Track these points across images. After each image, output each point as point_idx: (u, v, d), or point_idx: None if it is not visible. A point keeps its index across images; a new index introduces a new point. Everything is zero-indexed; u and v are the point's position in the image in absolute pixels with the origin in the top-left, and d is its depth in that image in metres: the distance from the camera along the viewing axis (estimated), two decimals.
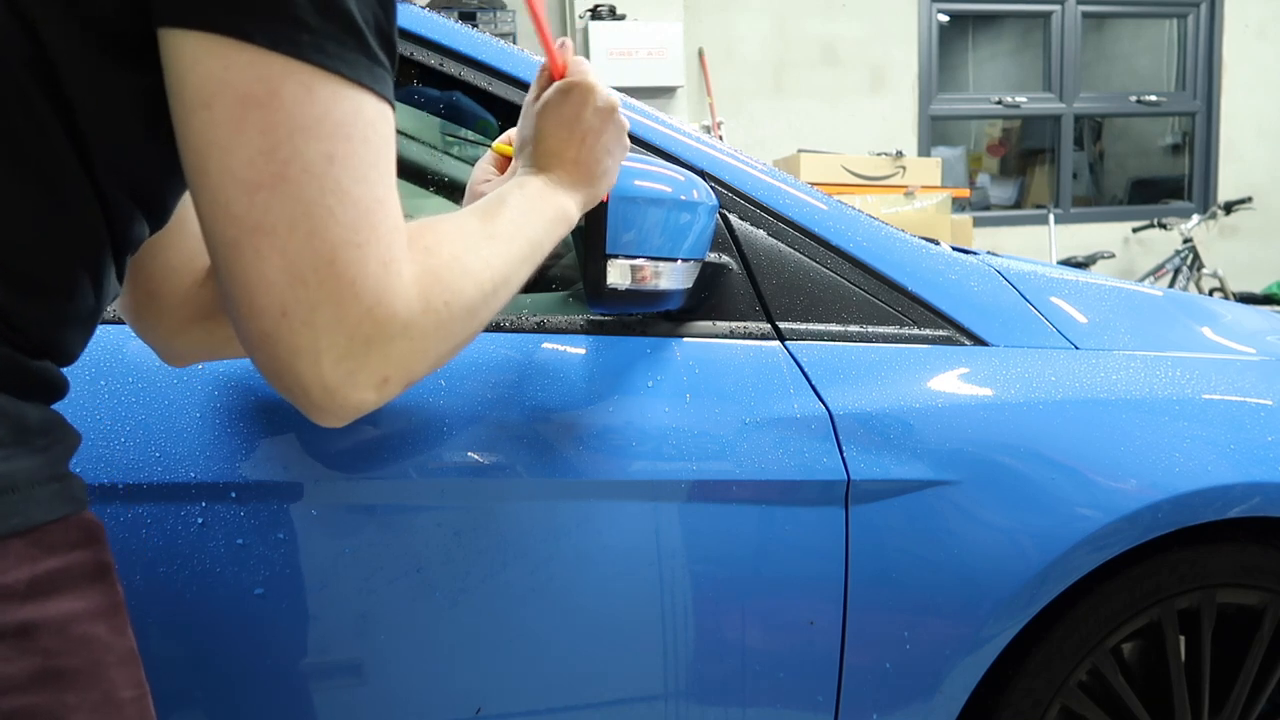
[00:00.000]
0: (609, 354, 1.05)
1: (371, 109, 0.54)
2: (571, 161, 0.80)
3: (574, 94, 0.80)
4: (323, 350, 0.53)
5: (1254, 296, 5.62)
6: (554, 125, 0.80)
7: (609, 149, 0.83)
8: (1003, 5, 6.13)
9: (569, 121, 0.80)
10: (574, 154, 0.80)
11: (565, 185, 0.79)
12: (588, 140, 0.80)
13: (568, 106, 0.80)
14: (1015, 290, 1.22)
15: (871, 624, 1.07)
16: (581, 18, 4.93)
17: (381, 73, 0.55)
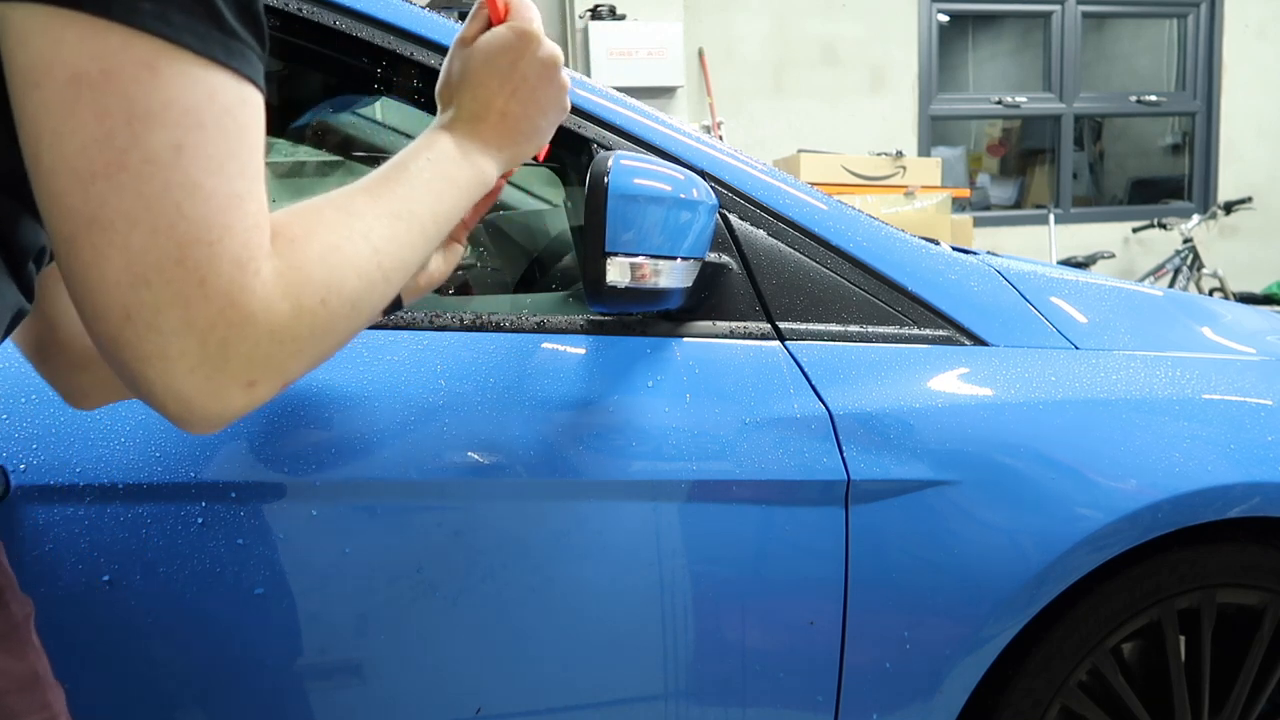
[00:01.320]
0: (609, 354, 1.05)
1: (230, 92, 0.49)
2: (499, 113, 0.73)
3: (513, 40, 0.73)
4: (173, 357, 0.48)
5: (1254, 296, 5.62)
6: (485, 71, 0.73)
7: (543, 107, 0.76)
8: (1003, 5, 6.13)
9: (503, 69, 0.73)
10: (502, 104, 0.73)
11: (486, 141, 0.72)
12: (520, 92, 0.73)
13: (504, 53, 0.73)
14: (1015, 290, 1.22)
15: (871, 624, 1.07)
16: (581, 18, 4.93)
17: (240, 47, 0.50)
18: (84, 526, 0.89)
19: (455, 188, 0.68)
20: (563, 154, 1.27)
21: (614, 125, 1.11)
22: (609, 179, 0.93)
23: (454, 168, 0.69)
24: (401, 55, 1.07)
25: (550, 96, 0.76)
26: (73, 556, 0.89)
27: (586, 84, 1.14)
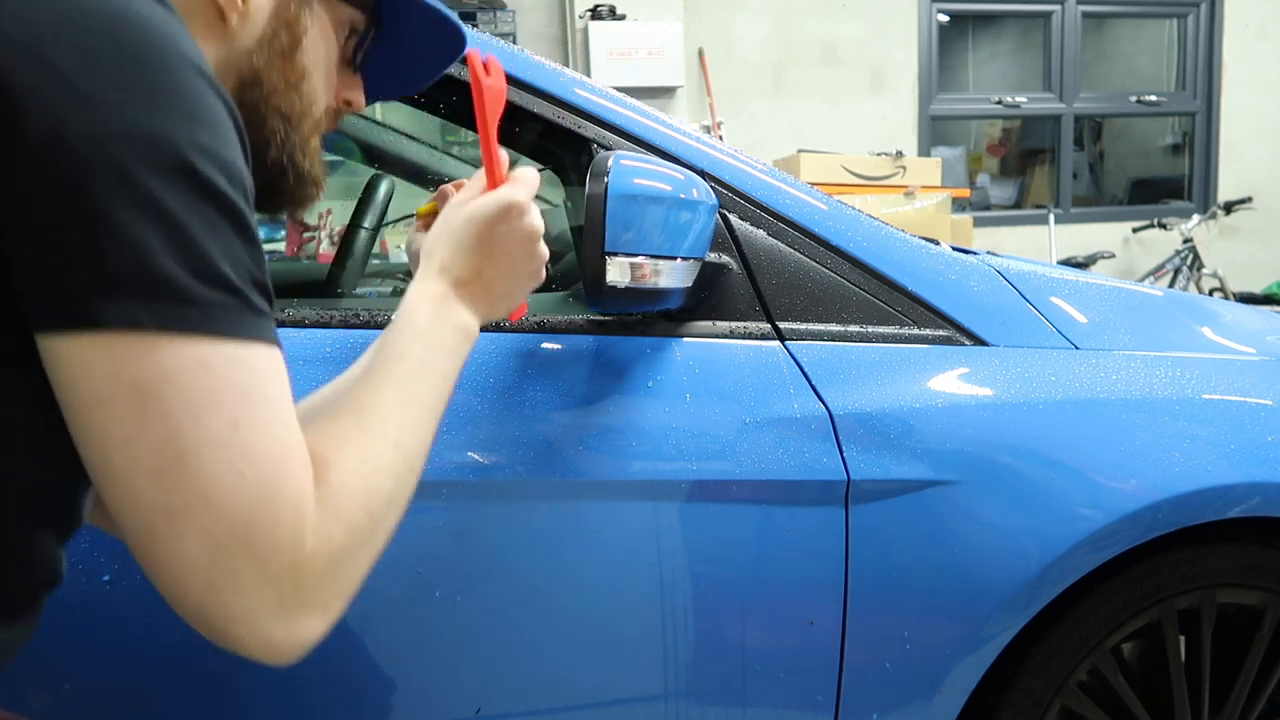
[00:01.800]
0: (609, 354, 1.05)
1: (265, 360, 0.55)
2: (474, 274, 0.76)
3: (501, 210, 0.77)
4: (257, 610, 0.53)
5: (1254, 296, 5.62)
6: (470, 233, 0.76)
7: (519, 274, 0.79)
8: (1003, 5, 6.12)
9: (486, 234, 0.77)
10: (479, 266, 0.77)
11: (465, 301, 0.76)
12: (497, 258, 0.77)
13: (491, 221, 0.76)
14: (1015, 290, 1.22)
15: (871, 624, 1.07)
16: (581, 18, 4.93)
17: (266, 321, 0.56)
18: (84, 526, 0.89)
19: (448, 353, 0.73)
20: (563, 154, 1.27)
21: (614, 125, 1.11)
22: (609, 179, 0.93)
23: (440, 334, 0.73)
24: None
25: (526, 265, 0.80)
26: (73, 556, 0.89)
27: (586, 84, 1.14)
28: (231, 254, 0.53)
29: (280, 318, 0.98)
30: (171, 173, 0.51)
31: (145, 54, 0.52)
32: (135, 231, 0.50)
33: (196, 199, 0.52)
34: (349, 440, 0.62)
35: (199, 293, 0.51)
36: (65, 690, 0.92)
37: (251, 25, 0.71)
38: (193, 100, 0.53)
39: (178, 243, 0.51)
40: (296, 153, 0.76)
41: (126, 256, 0.50)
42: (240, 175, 0.55)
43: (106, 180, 0.49)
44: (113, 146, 0.50)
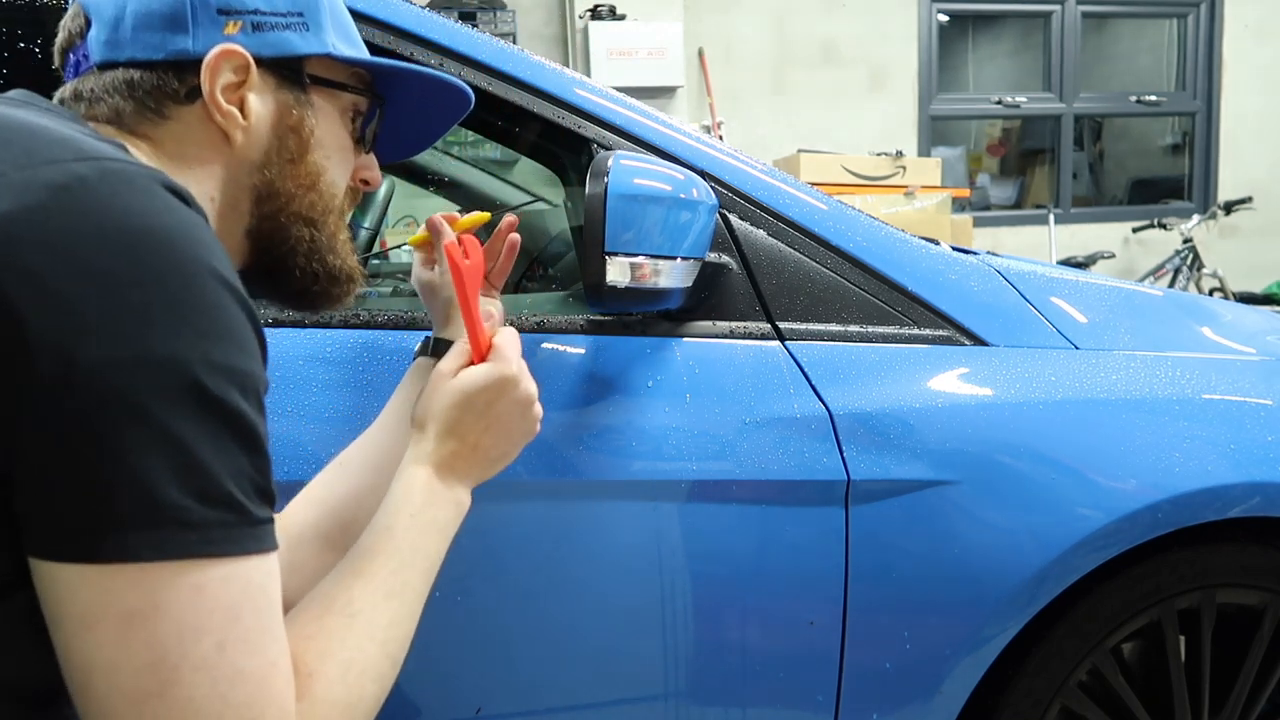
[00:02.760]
0: (609, 354, 1.05)
1: (259, 572, 0.54)
2: (472, 447, 0.76)
3: (491, 382, 0.76)
4: None
5: (1254, 296, 5.61)
6: (462, 409, 0.75)
7: (513, 439, 0.78)
8: (1003, 5, 6.12)
9: (479, 408, 0.75)
10: (475, 439, 0.76)
11: (460, 473, 0.75)
12: (493, 428, 0.76)
13: (482, 393, 0.75)
14: (1015, 290, 1.22)
15: (871, 624, 1.07)
16: (581, 18, 4.93)
17: (265, 529, 0.55)
18: None
19: (440, 533, 0.73)
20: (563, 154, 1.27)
21: (614, 125, 1.11)
22: (609, 179, 0.93)
23: (434, 512, 0.73)
24: (402, 56, 1.07)
25: (520, 429, 0.79)
26: None
27: (586, 84, 1.14)
28: (237, 469, 0.53)
29: (280, 318, 0.98)
30: (181, 396, 0.51)
31: (164, 271, 0.52)
32: (139, 462, 0.49)
33: (205, 419, 0.52)
34: (335, 645, 0.61)
35: (200, 516, 0.51)
36: None
37: (256, 138, 0.71)
38: (209, 314, 0.53)
39: (183, 468, 0.51)
40: (326, 254, 0.75)
41: (129, 489, 0.49)
42: (254, 382, 0.55)
43: (114, 410, 0.49)
44: (122, 375, 0.49)
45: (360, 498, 0.86)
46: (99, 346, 0.49)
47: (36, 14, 1.08)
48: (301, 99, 0.73)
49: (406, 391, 0.90)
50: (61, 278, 0.49)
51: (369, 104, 0.79)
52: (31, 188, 0.51)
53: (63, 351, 0.49)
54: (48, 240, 0.50)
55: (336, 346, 0.98)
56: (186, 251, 0.53)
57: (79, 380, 0.49)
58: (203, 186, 0.69)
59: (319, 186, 0.74)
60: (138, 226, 0.52)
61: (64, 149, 0.54)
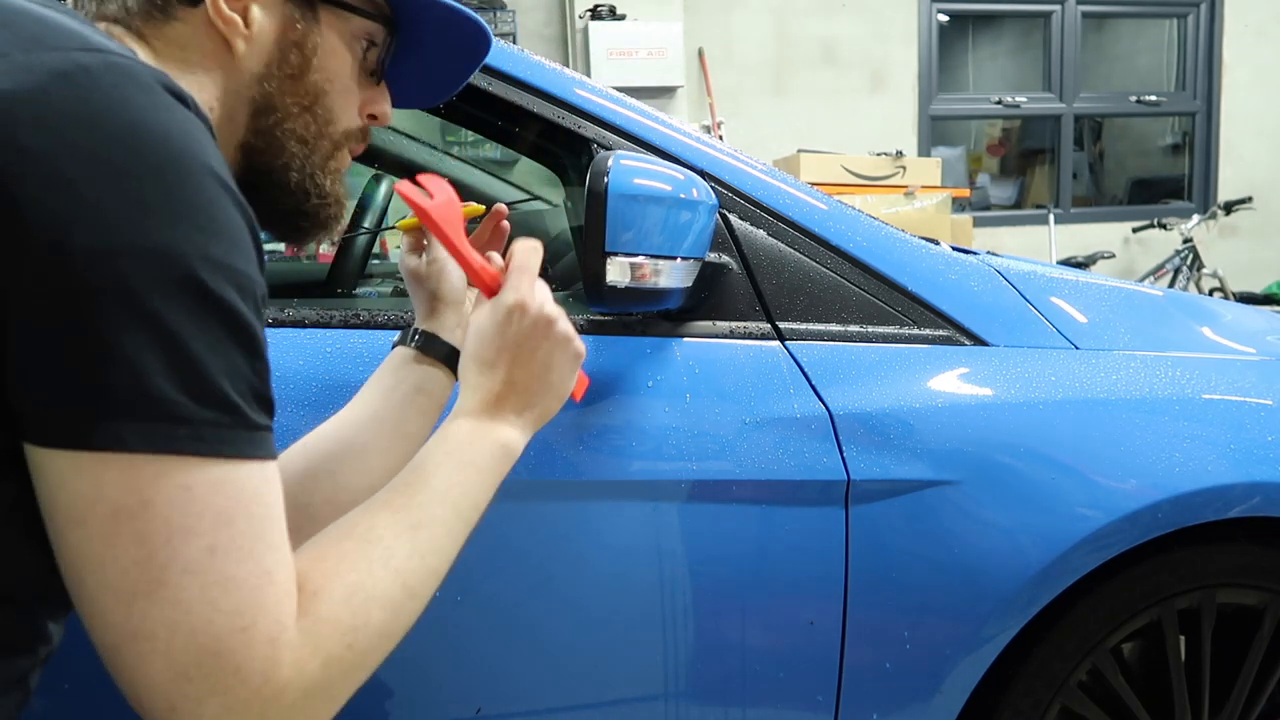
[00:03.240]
0: (609, 354, 1.05)
1: (254, 479, 0.53)
2: (506, 383, 0.74)
3: (500, 314, 0.74)
4: None
5: (1254, 296, 5.62)
6: (484, 348, 0.74)
7: (547, 364, 0.76)
8: (1003, 5, 6.13)
9: (499, 343, 0.74)
10: (507, 376, 0.74)
11: (504, 412, 0.74)
12: (519, 358, 0.74)
13: (494, 327, 0.74)
14: (1015, 290, 1.22)
15: (871, 624, 1.07)
16: (581, 18, 4.93)
17: (262, 435, 0.54)
18: None
19: (479, 472, 0.70)
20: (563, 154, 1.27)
21: (614, 125, 1.11)
22: (609, 179, 0.93)
23: (473, 452, 0.71)
24: None
25: (555, 351, 0.77)
26: None
27: (586, 84, 1.14)
28: (232, 369, 0.52)
29: (280, 318, 0.98)
30: (177, 288, 0.50)
31: (162, 165, 0.51)
32: (133, 351, 0.49)
33: (201, 314, 0.51)
34: (344, 566, 0.59)
35: (192, 412, 0.50)
36: (65, 690, 0.92)
37: (258, 50, 0.70)
38: (207, 211, 0.52)
39: (176, 361, 0.50)
40: (317, 174, 0.75)
41: (121, 377, 0.49)
42: (252, 285, 0.54)
43: (108, 297, 0.48)
44: (118, 262, 0.49)
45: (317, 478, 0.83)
46: (94, 232, 0.48)
47: None
48: (307, 15, 0.72)
49: (376, 381, 0.88)
50: (58, 160, 0.49)
51: (383, 33, 0.77)
52: (34, 70, 0.50)
53: (57, 233, 0.48)
54: (46, 122, 0.49)
55: (337, 346, 0.98)
56: (186, 149, 0.52)
57: (72, 264, 0.48)
58: (203, 94, 0.69)
59: (316, 108, 0.73)
60: (137, 120, 0.51)
61: (70, 38, 0.53)
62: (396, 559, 0.62)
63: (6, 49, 0.51)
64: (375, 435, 0.84)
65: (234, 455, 0.52)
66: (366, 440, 0.84)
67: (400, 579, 0.61)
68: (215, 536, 0.51)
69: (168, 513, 0.50)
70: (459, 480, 0.69)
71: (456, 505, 0.68)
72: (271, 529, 0.54)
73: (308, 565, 0.57)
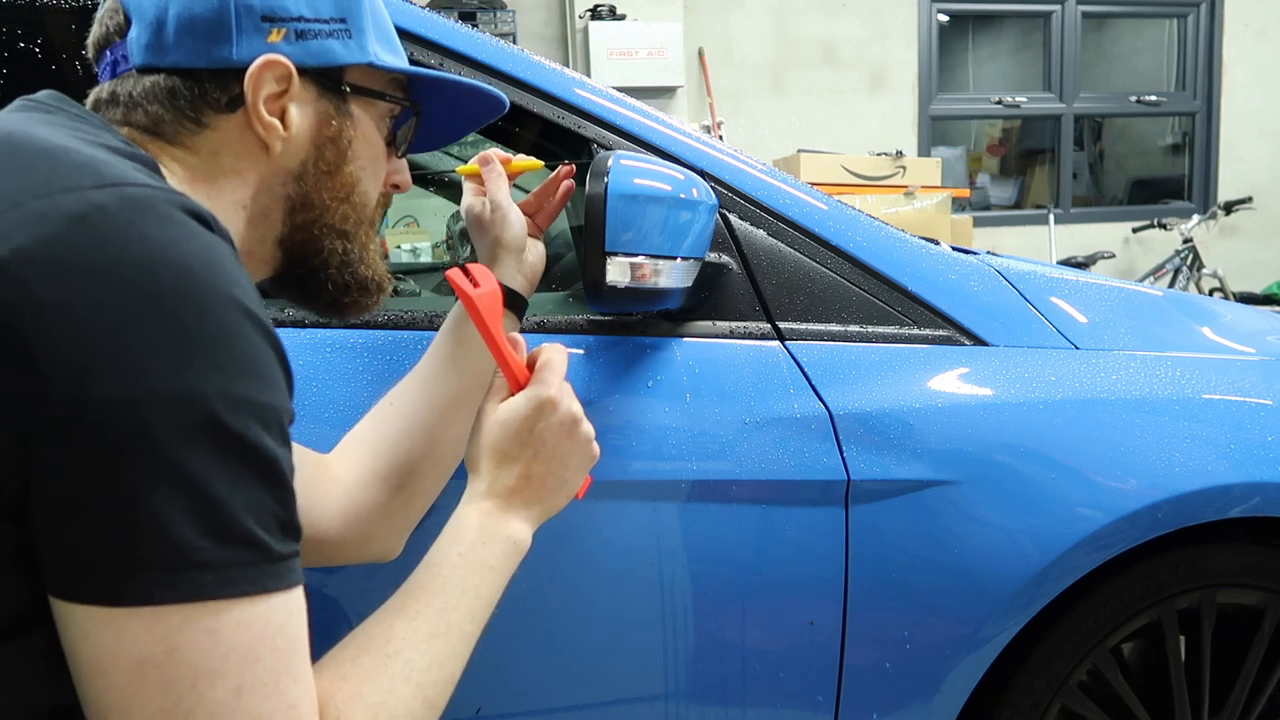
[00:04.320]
0: (609, 354, 1.05)
1: (279, 611, 0.52)
2: (523, 479, 0.74)
3: (531, 409, 0.74)
4: None
5: (1254, 296, 5.62)
6: (508, 441, 0.74)
7: (566, 463, 0.76)
8: (1003, 5, 6.13)
9: (523, 437, 0.74)
10: (525, 469, 0.74)
11: (515, 507, 0.74)
12: (541, 455, 0.75)
13: (524, 422, 0.74)
14: (1015, 290, 1.22)
15: (871, 624, 1.07)
16: (581, 18, 4.93)
17: (288, 565, 0.54)
18: None
19: (492, 573, 0.71)
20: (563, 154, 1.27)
21: (614, 125, 1.11)
22: (609, 179, 0.93)
23: (485, 551, 0.71)
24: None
25: (574, 451, 0.77)
26: None
27: (586, 84, 1.14)
28: (256, 505, 0.52)
29: (280, 318, 0.98)
30: (196, 433, 0.49)
31: (180, 302, 0.50)
32: (156, 503, 0.48)
33: (223, 456, 0.50)
34: (367, 687, 0.59)
35: (216, 556, 0.50)
36: None
37: (294, 148, 0.70)
38: (228, 345, 0.51)
39: (199, 507, 0.49)
40: (357, 265, 0.75)
41: (145, 531, 0.48)
42: (275, 414, 0.54)
43: (126, 451, 0.48)
44: (138, 412, 0.48)
45: (414, 436, 0.86)
46: (110, 383, 0.48)
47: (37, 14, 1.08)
48: (341, 108, 0.72)
49: (451, 325, 0.90)
50: (73, 312, 0.48)
51: (408, 112, 0.78)
52: (49, 218, 0.50)
53: (74, 388, 0.47)
54: (61, 274, 0.48)
55: (337, 346, 0.98)
56: (205, 280, 0.51)
57: (90, 418, 0.48)
58: (236, 195, 0.68)
59: (353, 198, 0.74)
60: (155, 256, 0.50)
61: (84, 175, 0.53)
62: (416, 672, 0.62)
63: (20, 198, 0.50)
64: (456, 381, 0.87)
65: (259, 592, 0.51)
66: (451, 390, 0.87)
67: (421, 692, 0.62)
68: (241, 677, 0.50)
69: (194, 658, 0.49)
70: (474, 583, 0.69)
71: (471, 610, 0.68)
72: (296, 660, 0.53)
73: (330, 688, 0.57)
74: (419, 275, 2.10)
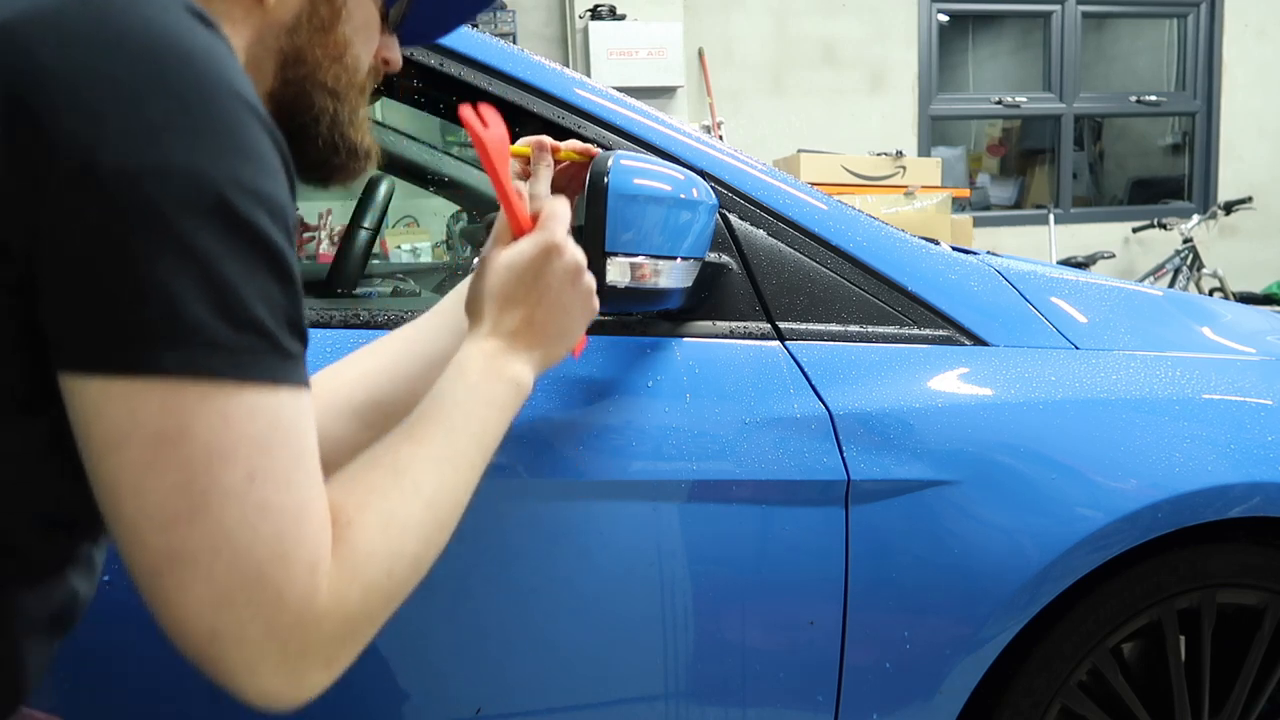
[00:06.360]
0: (609, 354, 1.05)
1: (289, 406, 0.52)
2: (525, 323, 0.75)
3: (537, 252, 0.75)
4: (258, 663, 0.52)
5: (1254, 296, 5.61)
6: (513, 284, 0.75)
7: (569, 310, 0.77)
8: (1003, 5, 6.13)
9: (528, 280, 0.75)
10: (529, 314, 0.75)
11: (518, 349, 0.74)
12: (545, 299, 0.75)
13: (529, 265, 0.75)
14: (1015, 290, 1.22)
15: (871, 624, 1.07)
16: (581, 18, 4.93)
17: (295, 363, 0.54)
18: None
19: (496, 409, 0.71)
20: None
21: (614, 125, 1.11)
22: (609, 179, 0.93)
23: (490, 390, 0.71)
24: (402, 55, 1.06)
25: (576, 300, 0.78)
26: None
27: (586, 84, 1.14)
28: (266, 295, 0.51)
29: None
30: (208, 212, 0.49)
31: (187, 86, 0.50)
32: (166, 275, 0.48)
33: (233, 239, 0.50)
34: (377, 497, 0.59)
35: (227, 337, 0.49)
36: (66, 689, 0.92)
37: (288, 2, 0.69)
38: (235, 134, 0.51)
39: (210, 286, 0.49)
40: (346, 127, 0.74)
41: (155, 302, 0.48)
42: (283, 211, 0.53)
43: (138, 221, 0.48)
44: (146, 185, 0.48)
45: (395, 382, 0.86)
46: (120, 153, 0.47)
47: None
48: None
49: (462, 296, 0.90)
50: (80, 81, 0.48)
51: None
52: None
53: (83, 156, 0.47)
54: (65, 43, 0.48)
55: (337, 346, 0.98)
56: (208, 70, 0.51)
57: (99, 188, 0.47)
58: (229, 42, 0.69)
59: (345, 59, 0.73)
60: (159, 41, 0.50)
61: None
62: (426, 489, 0.62)
63: None
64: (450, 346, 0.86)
65: (270, 381, 0.51)
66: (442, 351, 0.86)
67: (431, 511, 0.61)
68: (253, 463, 0.50)
69: (207, 438, 0.49)
70: (480, 416, 0.69)
71: (477, 440, 0.68)
72: (307, 459, 0.53)
73: (340, 496, 0.57)
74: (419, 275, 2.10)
